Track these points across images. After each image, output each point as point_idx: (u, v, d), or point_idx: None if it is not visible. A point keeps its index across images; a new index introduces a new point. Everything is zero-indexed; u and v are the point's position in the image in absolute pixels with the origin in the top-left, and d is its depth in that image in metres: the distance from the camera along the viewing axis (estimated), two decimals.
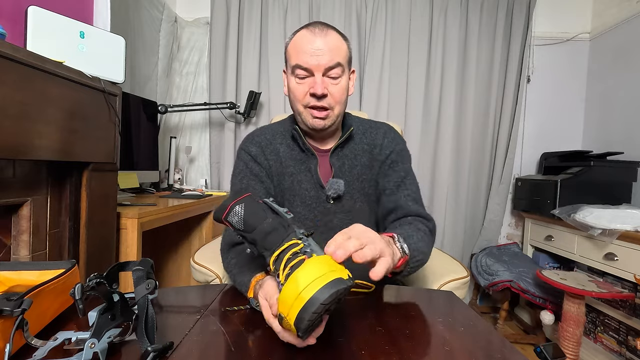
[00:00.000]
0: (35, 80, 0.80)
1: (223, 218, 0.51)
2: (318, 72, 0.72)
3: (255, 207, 0.51)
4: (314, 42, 0.71)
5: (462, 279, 0.87)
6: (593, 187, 1.80)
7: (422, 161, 2.21)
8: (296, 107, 0.77)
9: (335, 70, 0.73)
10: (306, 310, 0.38)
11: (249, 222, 0.49)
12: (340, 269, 0.42)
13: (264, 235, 0.48)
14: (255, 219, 0.49)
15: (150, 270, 0.47)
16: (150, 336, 0.40)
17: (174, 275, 1.86)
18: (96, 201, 1.04)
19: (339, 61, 0.73)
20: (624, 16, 2.00)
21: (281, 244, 0.46)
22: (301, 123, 0.79)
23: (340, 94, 0.75)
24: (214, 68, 2.18)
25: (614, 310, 1.61)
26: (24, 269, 0.49)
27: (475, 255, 2.17)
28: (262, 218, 0.49)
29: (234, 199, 0.51)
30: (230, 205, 0.50)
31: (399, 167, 0.83)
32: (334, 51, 0.72)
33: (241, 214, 0.49)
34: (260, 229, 0.48)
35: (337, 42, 0.74)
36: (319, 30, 0.72)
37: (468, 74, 2.19)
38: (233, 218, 0.50)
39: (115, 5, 1.43)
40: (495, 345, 0.49)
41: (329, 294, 0.38)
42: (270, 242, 0.47)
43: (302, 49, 0.72)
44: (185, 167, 2.31)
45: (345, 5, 2.15)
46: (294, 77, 0.75)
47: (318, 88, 0.71)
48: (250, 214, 0.50)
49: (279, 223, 0.49)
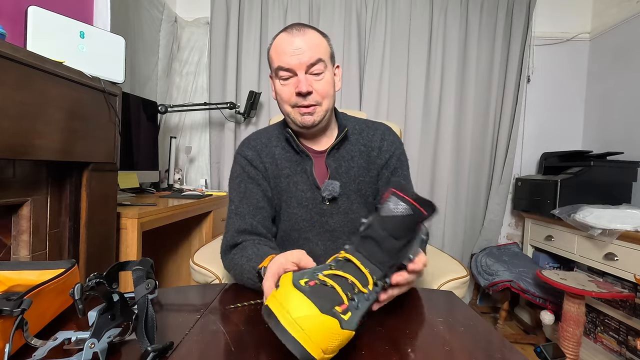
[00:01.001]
0: (35, 80, 0.80)
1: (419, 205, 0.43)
2: (300, 70, 0.73)
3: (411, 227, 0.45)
4: (292, 42, 0.72)
5: (462, 278, 0.87)
6: (593, 187, 1.80)
7: (422, 161, 2.21)
8: (284, 108, 0.78)
9: (317, 66, 0.74)
10: (273, 325, 0.35)
11: (401, 229, 0.44)
12: (320, 345, 0.34)
13: (379, 248, 0.44)
14: (402, 231, 0.44)
15: (150, 270, 0.47)
16: (150, 336, 0.40)
17: (174, 275, 1.86)
18: (96, 201, 1.04)
19: (320, 57, 0.74)
20: (624, 16, 2.00)
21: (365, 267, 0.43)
22: (291, 123, 0.80)
23: (325, 89, 0.76)
24: (214, 68, 2.18)
25: (614, 310, 1.60)
26: (24, 268, 0.49)
27: (475, 255, 2.17)
28: (402, 236, 0.44)
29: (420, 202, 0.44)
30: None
31: (398, 173, 0.84)
32: (314, 48, 0.73)
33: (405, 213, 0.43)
34: (389, 240, 0.44)
35: (315, 39, 0.75)
36: (296, 31, 0.74)
37: (468, 74, 2.19)
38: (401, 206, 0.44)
39: (115, 5, 1.43)
40: (495, 345, 0.49)
41: (285, 340, 0.34)
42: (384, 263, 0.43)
43: (282, 51, 0.73)
44: (185, 167, 2.31)
45: (345, 5, 2.15)
46: (278, 80, 0.76)
47: (302, 86, 0.72)
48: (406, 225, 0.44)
49: (394, 254, 0.45)
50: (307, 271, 0.41)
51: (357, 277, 0.41)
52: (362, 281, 0.41)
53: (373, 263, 0.43)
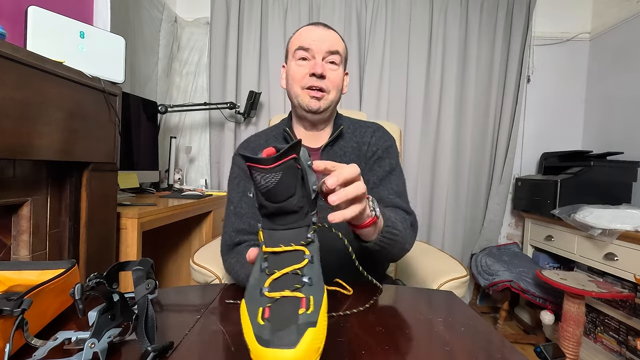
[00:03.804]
0: (35, 80, 0.80)
1: (253, 165, 0.37)
2: (319, 55, 0.78)
3: (292, 176, 0.38)
4: (317, 31, 0.79)
5: (462, 278, 0.87)
6: (593, 187, 1.80)
7: (422, 161, 2.21)
8: (294, 89, 0.80)
9: (334, 56, 0.79)
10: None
11: (277, 193, 0.38)
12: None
13: (284, 215, 0.39)
14: (284, 191, 0.38)
15: (150, 270, 0.47)
16: (150, 336, 0.40)
17: (174, 275, 1.86)
18: (96, 201, 1.04)
19: (339, 50, 0.79)
20: (624, 16, 2.00)
21: (289, 244, 0.39)
22: (298, 108, 0.82)
23: (336, 80, 0.80)
24: (214, 68, 2.18)
25: (614, 310, 1.60)
26: (24, 268, 0.49)
27: (475, 255, 2.17)
28: (290, 192, 0.39)
29: (282, 154, 0.36)
30: (276, 164, 0.36)
31: (384, 162, 0.84)
32: (335, 41, 0.79)
33: (276, 179, 0.37)
34: (283, 206, 0.39)
35: (337, 37, 0.81)
36: (322, 26, 0.80)
37: (468, 74, 2.19)
38: (262, 176, 0.37)
39: (115, 5, 1.44)
40: (495, 345, 0.49)
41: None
42: (286, 232, 0.39)
43: (305, 36, 0.79)
44: (185, 167, 2.31)
45: (345, 5, 2.15)
46: (294, 61, 0.80)
47: (318, 68, 0.76)
48: (284, 184, 0.38)
49: (301, 207, 0.40)
50: (254, 295, 0.37)
51: (292, 258, 0.38)
52: (298, 257, 0.38)
53: (291, 228, 0.40)
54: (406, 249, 0.72)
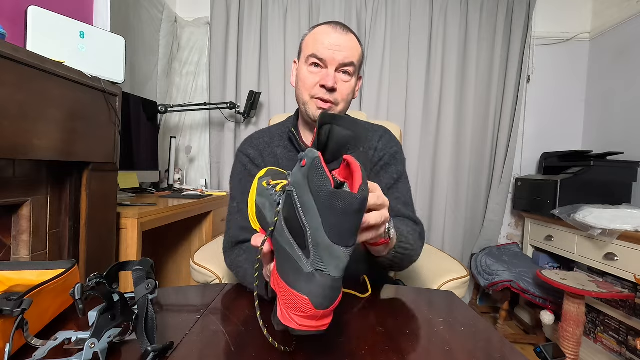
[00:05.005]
0: (35, 80, 0.80)
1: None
2: (332, 66, 0.74)
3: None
4: (334, 37, 0.74)
5: (462, 278, 0.87)
6: (593, 187, 1.80)
7: (422, 161, 2.21)
8: (303, 96, 0.78)
9: (348, 68, 0.75)
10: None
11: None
12: None
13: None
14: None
15: (150, 270, 0.47)
16: (150, 336, 0.40)
17: (174, 275, 1.86)
18: (96, 201, 1.04)
19: (353, 61, 0.75)
20: (624, 16, 2.00)
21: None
22: (304, 114, 0.80)
23: (347, 93, 0.77)
24: (214, 68, 2.18)
25: (614, 310, 1.60)
26: (24, 268, 0.49)
27: (475, 255, 2.17)
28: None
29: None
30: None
31: (391, 169, 0.84)
32: (351, 51, 0.75)
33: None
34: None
35: (354, 43, 0.76)
36: (340, 29, 0.75)
37: (468, 74, 2.19)
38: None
39: (115, 5, 1.44)
40: (495, 345, 0.49)
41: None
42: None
43: (321, 41, 0.74)
44: (185, 167, 2.31)
45: (345, 5, 2.15)
46: (306, 66, 0.76)
47: (329, 80, 0.73)
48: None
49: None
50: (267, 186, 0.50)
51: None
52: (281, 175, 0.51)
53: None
54: (414, 261, 0.71)
